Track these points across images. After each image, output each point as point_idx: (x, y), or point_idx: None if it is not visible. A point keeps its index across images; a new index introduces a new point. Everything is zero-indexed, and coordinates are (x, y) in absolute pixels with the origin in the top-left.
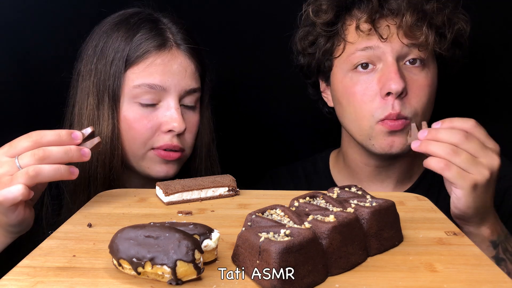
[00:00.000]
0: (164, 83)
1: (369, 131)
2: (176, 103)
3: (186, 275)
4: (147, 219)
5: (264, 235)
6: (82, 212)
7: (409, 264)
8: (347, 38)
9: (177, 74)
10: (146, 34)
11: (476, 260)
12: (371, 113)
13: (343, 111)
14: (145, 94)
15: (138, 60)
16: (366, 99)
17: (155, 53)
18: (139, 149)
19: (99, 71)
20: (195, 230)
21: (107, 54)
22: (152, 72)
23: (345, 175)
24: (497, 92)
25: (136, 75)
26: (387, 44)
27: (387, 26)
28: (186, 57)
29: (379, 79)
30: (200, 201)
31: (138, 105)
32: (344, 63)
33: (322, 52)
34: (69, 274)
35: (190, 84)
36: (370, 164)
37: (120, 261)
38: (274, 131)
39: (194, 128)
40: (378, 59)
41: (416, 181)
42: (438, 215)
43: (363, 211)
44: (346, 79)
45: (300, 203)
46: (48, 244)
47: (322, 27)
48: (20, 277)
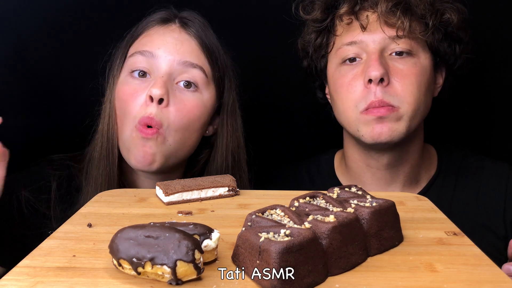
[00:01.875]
0: (154, 50)
1: (356, 122)
2: (165, 73)
3: (186, 275)
4: (147, 219)
5: (264, 235)
6: (82, 212)
7: (409, 264)
8: (336, 33)
9: (170, 44)
10: (155, 14)
11: (476, 260)
12: (355, 104)
13: (334, 104)
14: (137, 62)
15: (137, 37)
16: (351, 90)
17: (155, 27)
18: (127, 125)
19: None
20: (195, 230)
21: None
22: (145, 42)
23: (349, 177)
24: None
25: (133, 48)
26: (369, 36)
27: (366, 16)
28: (187, 34)
29: (362, 69)
30: (200, 201)
31: (131, 77)
32: (334, 58)
33: (313, 48)
34: (69, 274)
35: (186, 56)
36: (371, 164)
37: (120, 261)
38: (277, 131)
39: (186, 108)
40: (363, 52)
41: (426, 186)
42: (438, 215)
43: (363, 211)
44: (336, 73)
45: (300, 203)
46: (48, 244)
47: (312, 23)
48: (20, 277)
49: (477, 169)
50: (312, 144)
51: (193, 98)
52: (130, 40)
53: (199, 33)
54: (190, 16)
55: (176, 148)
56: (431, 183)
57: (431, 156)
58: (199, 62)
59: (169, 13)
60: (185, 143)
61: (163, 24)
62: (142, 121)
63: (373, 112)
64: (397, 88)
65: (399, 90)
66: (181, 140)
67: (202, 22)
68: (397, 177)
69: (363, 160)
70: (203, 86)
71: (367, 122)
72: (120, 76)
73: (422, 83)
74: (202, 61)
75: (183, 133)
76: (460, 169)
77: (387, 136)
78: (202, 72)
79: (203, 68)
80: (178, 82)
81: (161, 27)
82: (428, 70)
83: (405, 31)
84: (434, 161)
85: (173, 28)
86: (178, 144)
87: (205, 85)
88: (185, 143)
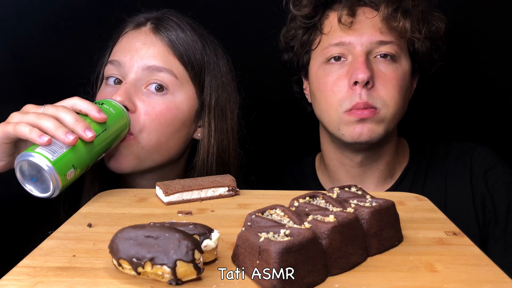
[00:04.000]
0: (121, 59)
1: (338, 121)
2: (130, 80)
3: (186, 275)
4: (147, 219)
5: (264, 235)
6: (82, 212)
7: (409, 264)
8: (323, 31)
9: (135, 50)
10: (131, 19)
11: (476, 260)
12: (339, 103)
13: (316, 102)
14: (109, 71)
15: (116, 42)
16: (335, 89)
17: (127, 33)
18: None
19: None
20: (195, 230)
21: None
22: (116, 50)
23: (326, 176)
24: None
25: (110, 55)
26: (357, 38)
27: (362, 19)
28: (155, 38)
29: (347, 70)
30: (200, 201)
31: (105, 85)
32: (319, 56)
33: (300, 43)
34: (69, 274)
35: (151, 61)
36: (345, 162)
37: (120, 261)
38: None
39: (154, 111)
40: (349, 53)
41: (398, 179)
42: (438, 215)
43: (363, 211)
44: (319, 71)
45: (300, 203)
46: (48, 244)
47: (301, 19)
48: (20, 277)
49: (445, 154)
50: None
51: (162, 101)
52: (111, 47)
53: (169, 34)
54: (164, 16)
55: (149, 151)
56: (403, 176)
57: (404, 149)
58: (166, 64)
59: (144, 16)
60: (161, 146)
61: (135, 29)
62: None
63: (356, 113)
64: (380, 90)
65: (382, 92)
66: (155, 144)
67: (177, 21)
68: (372, 174)
69: (338, 158)
70: (174, 88)
71: (349, 122)
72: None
73: (403, 87)
74: (171, 63)
75: (157, 137)
76: (430, 157)
77: (366, 137)
78: (170, 75)
79: (171, 70)
80: (148, 86)
81: (133, 32)
82: (407, 75)
83: (408, 33)
84: (407, 154)
85: (142, 32)
86: (152, 148)
87: (177, 87)
88: (161, 147)
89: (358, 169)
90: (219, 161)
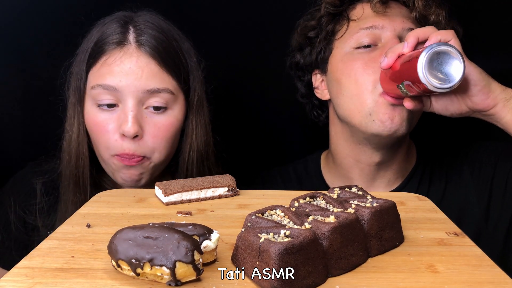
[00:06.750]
0: (116, 84)
1: (371, 105)
2: (133, 105)
3: (185, 276)
4: (146, 219)
5: (264, 236)
6: (81, 213)
7: (410, 264)
8: (352, 17)
9: (130, 74)
10: (110, 33)
11: (477, 261)
12: (374, 85)
13: (342, 89)
14: (100, 95)
15: (96, 60)
16: (369, 71)
17: (112, 52)
18: (104, 153)
19: (74, 72)
20: (195, 231)
21: (79, 54)
22: (104, 73)
23: (336, 175)
24: None
25: (93, 76)
26: (390, 23)
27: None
28: (145, 57)
29: (380, 54)
30: (199, 201)
31: (97, 108)
32: (346, 43)
33: (324, 34)
34: (68, 275)
35: (150, 84)
36: (362, 160)
37: (119, 262)
38: (266, 132)
39: (161, 131)
40: (379, 38)
41: (404, 180)
42: (439, 215)
43: (363, 211)
44: (346, 56)
45: (300, 204)
46: (46, 244)
47: (328, 6)
48: (18, 278)
49: (451, 155)
50: (300, 147)
51: (164, 119)
52: (90, 59)
53: (156, 49)
54: (142, 25)
55: (159, 164)
56: (410, 176)
57: (412, 150)
58: (163, 84)
59: (123, 36)
60: (168, 157)
61: (118, 47)
62: (122, 155)
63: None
64: None
65: None
66: (164, 157)
67: (154, 28)
68: (384, 173)
69: (354, 155)
70: (172, 104)
71: (383, 105)
72: (85, 104)
73: None
74: (167, 81)
75: (166, 151)
76: (436, 159)
77: (397, 123)
78: (168, 93)
79: (169, 88)
80: (147, 107)
81: (117, 51)
82: None
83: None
84: (414, 155)
85: (130, 52)
86: (161, 161)
87: (174, 101)
88: (168, 157)
89: (374, 167)
90: (199, 156)
